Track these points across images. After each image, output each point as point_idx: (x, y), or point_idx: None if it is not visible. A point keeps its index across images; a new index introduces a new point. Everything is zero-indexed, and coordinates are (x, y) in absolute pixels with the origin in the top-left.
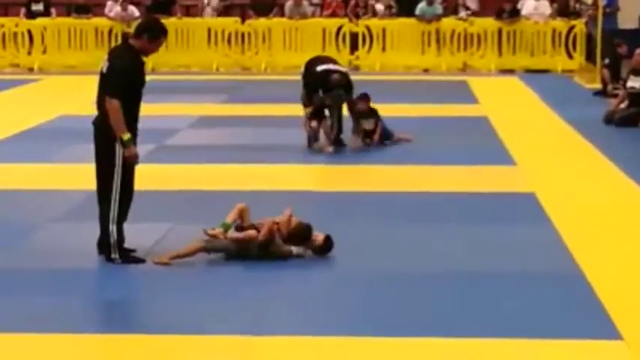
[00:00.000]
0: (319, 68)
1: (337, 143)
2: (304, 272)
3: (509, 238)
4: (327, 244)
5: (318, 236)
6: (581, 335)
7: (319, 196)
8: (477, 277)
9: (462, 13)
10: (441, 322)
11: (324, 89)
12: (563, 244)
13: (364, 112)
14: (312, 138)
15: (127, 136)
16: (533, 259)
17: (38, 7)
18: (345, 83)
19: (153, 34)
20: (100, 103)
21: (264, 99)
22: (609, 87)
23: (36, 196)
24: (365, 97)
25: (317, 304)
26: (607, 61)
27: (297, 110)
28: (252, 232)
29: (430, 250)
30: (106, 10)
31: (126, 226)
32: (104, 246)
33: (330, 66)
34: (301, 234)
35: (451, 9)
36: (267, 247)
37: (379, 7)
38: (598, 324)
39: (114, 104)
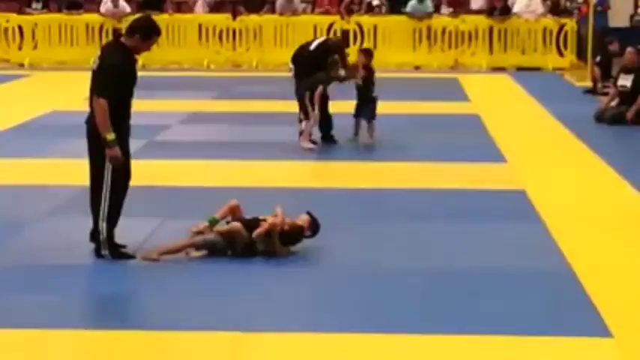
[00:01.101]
0: (312, 47)
1: (328, 140)
2: (296, 269)
3: (500, 235)
4: (313, 219)
5: (302, 217)
6: (571, 333)
7: (310, 193)
8: (467, 274)
9: (445, 11)
10: (431, 318)
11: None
12: (554, 241)
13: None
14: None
15: (111, 136)
16: (523, 257)
17: (37, 5)
18: (341, 44)
19: (145, 33)
20: (92, 101)
21: (255, 95)
22: (599, 85)
23: (27, 191)
24: (366, 52)
25: (309, 301)
26: (598, 58)
27: (289, 107)
28: (236, 224)
29: (420, 247)
30: (101, 8)
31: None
32: (95, 241)
33: (318, 40)
34: (295, 236)
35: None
36: (253, 244)
37: (376, 1)
38: (588, 321)
39: (100, 103)
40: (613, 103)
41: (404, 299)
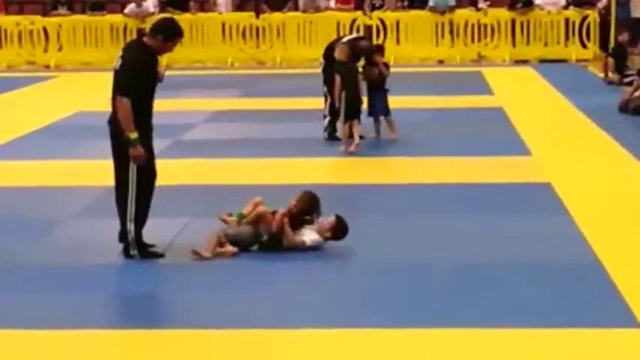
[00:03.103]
0: (342, 42)
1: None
2: (322, 265)
3: (526, 228)
4: (339, 222)
5: (328, 218)
6: (599, 324)
7: (335, 189)
8: (494, 267)
9: (482, 4)
10: (460, 312)
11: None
12: (580, 233)
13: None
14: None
15: (134, 135)
16: (550, 249)
17: (63, 9)
18: (371, 48)
19: (168, 34)
20: (114, 101)
21: (279, 93)
22: (613, 76)
23: (55, 192)
24: (379, 48)
25: (336, 297)
26: (610, 50)
27: (313, 103)
28: (262, 208)
29: (447, 241)
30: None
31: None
32: (124, 241)
33: (349, 37)
34: (308, 204)
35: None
36: (279, 236)
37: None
38: (615, 312)
39: (124, 102)
40: (637, 94)
41: (431, 293)
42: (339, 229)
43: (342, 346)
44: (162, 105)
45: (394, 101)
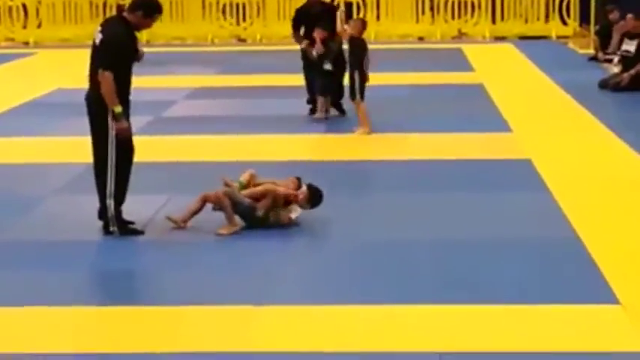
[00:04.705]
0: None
1: (337, 109)
2: (305, 242)
3: (506, 204)
4: (313, 191)
5: (302, 191)
6: (579, 300)
7: (317, 166)
8: (474, 244)
9: None
10: (439, 289)
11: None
12: (560, 209)
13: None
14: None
15: (118, 109)
16: (530, 226)
17: None
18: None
19: (148, 10)
20: (93, 76)
21: (259, 69)
22: (600, 54)
23: (35, 169)
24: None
25: (320, 274)
26: (597, 27)
27: (293, 80)
28: (270, 186)
29: (427, 217)
30: None
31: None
32: (103, 218)
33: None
34: (313, 199)
35: None
36: (272, 210)
37: None
38: (595, 289)
39: (106, 76)
40: (617, 70)
41: (413, 270)
42: (315, 197)
43: (326, 322)
44: (142, 82)
45: (375, 78)
